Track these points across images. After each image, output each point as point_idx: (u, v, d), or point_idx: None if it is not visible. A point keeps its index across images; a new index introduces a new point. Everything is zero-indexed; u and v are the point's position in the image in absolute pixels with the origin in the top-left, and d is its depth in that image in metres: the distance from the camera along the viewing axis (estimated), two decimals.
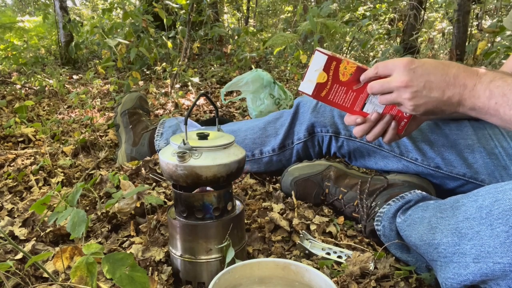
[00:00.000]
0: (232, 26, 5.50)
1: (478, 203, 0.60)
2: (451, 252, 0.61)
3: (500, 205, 0.55)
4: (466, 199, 0.64)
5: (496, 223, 0.55)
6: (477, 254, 0.56)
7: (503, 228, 0.54)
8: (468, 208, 0.62)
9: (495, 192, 0.58)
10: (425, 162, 0.96)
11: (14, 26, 4.06)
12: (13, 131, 1.57)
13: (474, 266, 0.57)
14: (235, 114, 2.02)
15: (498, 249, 0.53)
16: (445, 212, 0.68)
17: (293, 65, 2.95)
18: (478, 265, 0.56)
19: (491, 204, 0.57)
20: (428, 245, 0.67)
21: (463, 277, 0.59)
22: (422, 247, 0.69)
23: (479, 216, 0.58)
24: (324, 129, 1.08)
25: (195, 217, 0.71)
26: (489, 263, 0.54)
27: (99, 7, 6.56)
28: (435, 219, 0.69)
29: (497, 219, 0.55)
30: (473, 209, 0.60)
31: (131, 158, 1.33)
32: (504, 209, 0.54)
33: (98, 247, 0.59)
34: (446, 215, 0.66)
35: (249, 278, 0.61)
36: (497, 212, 0.55)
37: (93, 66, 3.40)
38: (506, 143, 0.90)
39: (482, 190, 0.62)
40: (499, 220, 0.54)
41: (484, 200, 0.59)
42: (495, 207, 0.56)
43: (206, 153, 0.67)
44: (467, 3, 2.30)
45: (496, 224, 0.55)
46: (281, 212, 0.97)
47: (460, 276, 0.59)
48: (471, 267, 0.57)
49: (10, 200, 1.09)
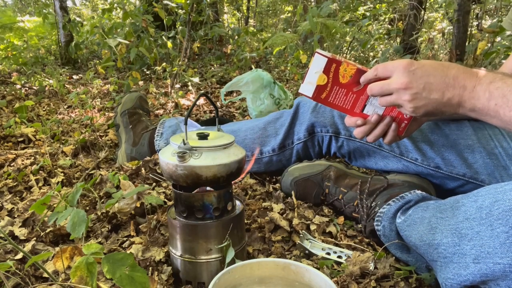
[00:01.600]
0: (232, 26, 5.50)
1: (478, 203, 0.60)
2: (451, 253, 0.61)
3: (500, 206, 0.55)
4: (466, 199, 0.64)
5: (496, 224, 0.55)
6: (477, 255, 0.56)
7: (503, 229, 0.54)
8: (468, 209, 0.62)
9: (495, 193, 0.58)
10: (425, 162, 0.96)
11: (14, 26, 4.06)
12: (13, 131, 1.57)
13: (474, 266, 0.57)
14: (235, 114, 2.02)
15: (498, 249, 0.53)
16: (445, 212, 0.68)
17: (293, 65, 2.95)
18: (478, 265, 0.56)
19: (491, 205, 0.57)
20: (428, 245, 0.67)
21: (463, 277, 0.59)
22: (422, 247, 0.69)
23: (479, 216, 0.58)
24: (324, 129, 1.08)
25: (195, 217, 0.71)
26: (489, 264, 0.54)
27: (99, 7, 6.56)
28: (435, 219, 0.69)
29: (497, 220, 0.55)
30: (473, 210, 0.60)
31: (131, 158, 1.33)
32: (504, 210, 0.54)
33: (98, 247, 0.59)
34: (446, 216, 0.66)
35: (249, 278, 0.61)
36: (497, 213, 0.55)
37: (93, 66, 3.40)
38: (506, 143, 0.90)
39: (482, 191, 0.62)
40: (499, 221, 0.54)
41: (484, 201, 0.59)
42: (495, 207, 0.56)
43: (206, 153, 0.67)
44: (467, 3, 2.30)
45: (496, 224, 0.55)
46: (281, 212, 0.97)
47: (460, 277, 0.59)
48: (471, 267, 0.57)
49: (10, 200, 1.09)
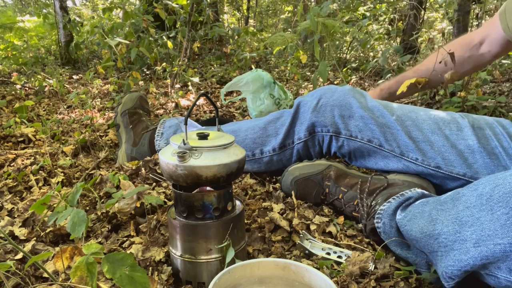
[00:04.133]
0: (232, 26, 5.50)
1: (478, 191, 0.61)
2: (451, 241, 0.62)
3: (500, 190, 0.56)
4: (466, 190, 0.65)
5: (497, 207, 0.55)
6: (478, 239, 0.57)
7: (503, 211, 0.54)
8: (469, 198, 0.62)
9: (495, 179, 0.59)
10: (425, 162, 0.96)
11: (14, 26, 4.06)
12: (13, 131, 1.57)
13: (474, 250, 0.57)
14: (235, 114, 2.02)
15: (499, 231, 0.54)
16: (445, 204, 0.68)
17: (293, 65, 2.95)
18: (478, 248, 0.56)
19: (491, 190, 0.58)
20: (429, 236, 0.67)
21: (464, 262, 0.59)
22: (423, 239, 0.69)
23: (479, 203, 0.59)
24: (325, 129, 1.08)
25: (195, 217, 0.71)
26: (490, 245, 0.55)
27: (99, 7, 6.56)
28: (435, 212, 0.69)
29: (497, 203, 0.55)
30: (473, 198, 0.61)
31: (131, 158, 1.33)
32: (504, 193, 0.55)
33: (98, 247, 0.59)
34: (446, 207, 0.67)
35: (249, 278, 0.61)
36: (497, 196, 0.56)
37: (93, 66, 3.40)
38: (506, 143, 0.90)
39: (482, 179, 0.63)
40: (499, 204, 0.55)
41: (484, 188, 0.60)
42: (495, 192, 0.57)
43: (206, 153, 0.67)
44: (467, 3, 2.30)
45: (496, 207, 0.55)
46: (281, 212, 0.97)
47: (461, 262, 0.59)
48: (471, 251, 0.58)
49: (10, 200, 1.09)
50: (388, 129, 1.00)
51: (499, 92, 2.02)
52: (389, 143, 1.00)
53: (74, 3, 5.23)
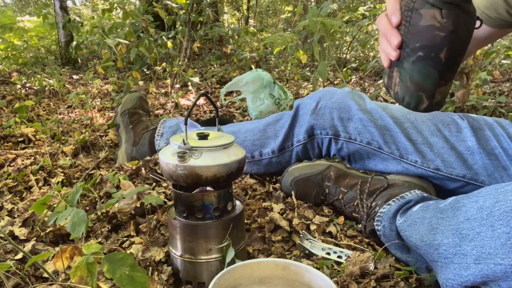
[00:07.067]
0: (232, 26, 5.50)
1: (479, 204, 0.60)
2: (451, 253, 0.61)
3: (501, 206, 0.55)
4: (466, 200, 0.64)
5: (497, 224, 0.55)
6: (478, 255, 0.56)
7: (504, 230, 0.53)
8: (469, 209, 0.62)
9: (496, 193, 0.58)
10: (425, 164, 0.96)
11: (14, 26, 4.06)
12: (13, 131, 1.57)
13: (475, 267, 0.57)
14: (235, 114, 2.02)
15: (499, 250, 0.53)
16: (445, 212, 0.68)
17: (293, 65, 2.95)
18: (479, 266, 0.56)
19: (492, 205, 0.57)
20: (429, 245, 0.67)
21: (464, 278, 0.59)
22: (423, 247, 0.69)
23: (480, 217, 0.58)
24: (324, 132, 1.07)
25: (195, 217, 0.71)
26: (490, 265, 0.54)
27: (99, 7, 6.56)
28: (435, 220, 0.69)
29: (498, 220, 0.55)
30: (474, 210, 0.60)
31: (131, 158, 1.33)
32: (505, 210, 0.54)
33: (98, 247, 0.59)
34: (446, 216, 0.66)
35: (249, 278, 0.61)
36: (498, 213, 0.55)
37: (93, 66, 3.40)
38: (506, 144, 0.90)
39: (483, 191, 0.62)
40: (500, 222, 0.54)
41: (485, 201, 0.59)
42: (496, 208, 0.56)
43: (206, 153, 0.67)
44: None
45: (497, 225, 0.55)
46: (281, 212, 0.97)
47: (461, 277, 0.59)
48: (472, 268, 0.57)
49: (10, 200, 1.09)
50: (387, 131, 1.00)
51: (499, 92, 2.02)
52: (388, 146, 1.00)
53: (74, 3, 5.23)
